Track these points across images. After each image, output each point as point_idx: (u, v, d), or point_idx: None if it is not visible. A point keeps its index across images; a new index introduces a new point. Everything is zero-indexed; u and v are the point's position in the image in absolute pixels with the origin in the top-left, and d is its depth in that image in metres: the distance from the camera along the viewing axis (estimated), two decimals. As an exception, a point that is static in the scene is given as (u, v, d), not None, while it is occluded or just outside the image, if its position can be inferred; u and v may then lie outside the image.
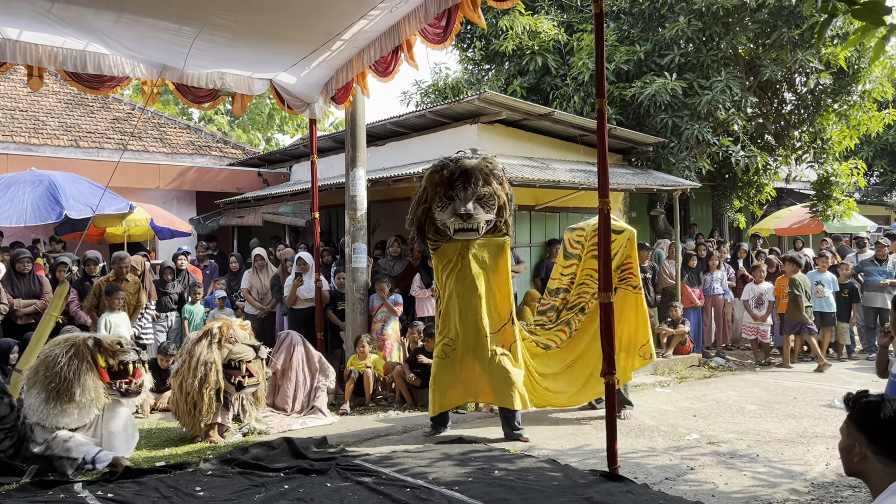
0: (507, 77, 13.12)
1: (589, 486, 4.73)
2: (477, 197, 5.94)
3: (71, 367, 5.29)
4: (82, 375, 5.33)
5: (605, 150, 5.01)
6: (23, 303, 7.67)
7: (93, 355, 5.43)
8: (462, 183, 5.94)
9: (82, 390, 5.30)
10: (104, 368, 5.45)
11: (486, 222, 6.01)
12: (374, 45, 6.61)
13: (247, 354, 6.27)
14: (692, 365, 9.82)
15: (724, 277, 10.61)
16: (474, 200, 5.93)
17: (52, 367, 5.27)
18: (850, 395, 2.39)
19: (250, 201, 12.32)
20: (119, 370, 5.55)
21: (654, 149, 11.23)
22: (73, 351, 5.38)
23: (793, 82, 12.91)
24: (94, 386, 5.37)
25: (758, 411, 7.08)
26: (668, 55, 11.47)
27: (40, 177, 9.40)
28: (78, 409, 5.32)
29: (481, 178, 5.96)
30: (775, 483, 4.90)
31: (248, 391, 6.38)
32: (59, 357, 5.31)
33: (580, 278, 6.85)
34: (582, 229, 6.95)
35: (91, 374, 5.38)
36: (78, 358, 5.37)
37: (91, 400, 5.34)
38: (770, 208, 14.98)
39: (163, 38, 6.16)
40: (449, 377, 6.17)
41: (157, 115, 16.80)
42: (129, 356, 5.56)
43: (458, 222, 5.95)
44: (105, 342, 5.54)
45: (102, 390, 5.44)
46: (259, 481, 4.95)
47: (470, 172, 5.95)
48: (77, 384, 5.28)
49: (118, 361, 5.52)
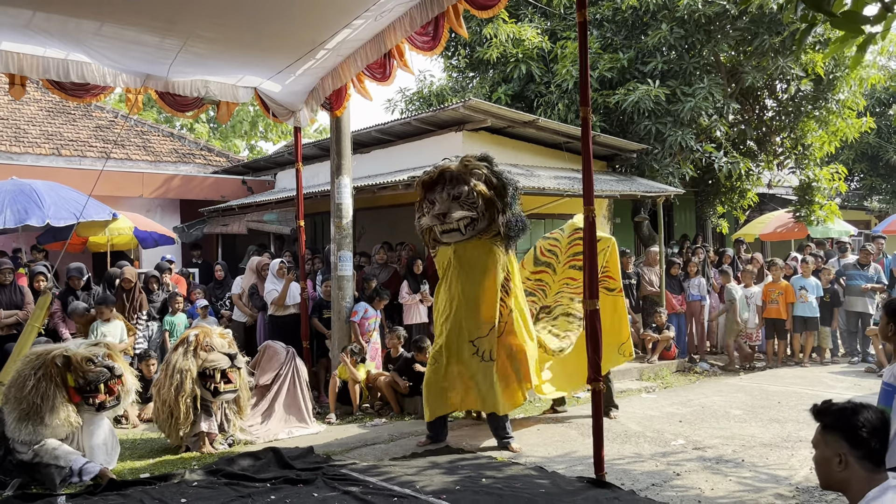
0: (491, 84, 13.17)
1: (576, 493, 4.75)
2: (454, 196, 5.86)
3: (39, 389, 5.15)
4: (51, 398, 5.17)
5: (590, 159, 5.04)
6: (3, 313, 7.59)
7: (62, 375, 5.28)
8: (440, 186, 5.95)
9: (51, 413, 5.16)
10: (73, 388, 5.30)
11: (467, 221, 5.85)
12: (360, 54, 6.63)
13: (221, 363, 6.20)
14: (677, 370, 9.88)
15: (701, 283, 10.68)
16: (451, 200, 5.86)
17: (22, 390, 5.16)
18: (815, 406, 2.37)
19: (235, 209, 12.27)
20: (90, 388, 5.39)
21: (637, 155, 11.31)
22: (41, 372, 5.22)
23: (774, 89, 13.06)
24: (63, 407, 5.22)
25: (743, 416, 7.13)
26: (651, 62, 11.57)
27: (21, 185, 9.31)
28: (49, 429, 5.20)
29: (458, 179, 5.89)
30: (760, 488, 4.94)
31: (226, 397, 6.30)
32: (28, 379, 5.17)
33: (556, 287, 7.03)
34: (556, 239, 7.07)
35: (60, 395, 5.22)
36: (46, 379, 5.21)
37: (61, 421, 5.21)
38: (753, 213, 15.12)
39: (146, 49, 6.14)
40: (439, 383, 6.13)
41: (141, 123, 16.69)
42: (101, 375, 5.39)
43: (438, 224, 5.92)
44: (75, 359, 5.35)
45: (73, 411, 5.29)
46: (245, 492, 4.91)
47: (446, 174, 5.93)
48: (45, 407, 5.15)
49: (87, 382, 5.35)
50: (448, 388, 6.15)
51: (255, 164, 14.75)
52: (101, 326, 7.59)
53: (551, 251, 7.04)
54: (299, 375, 7.28)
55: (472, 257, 6.05)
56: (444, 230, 5.92)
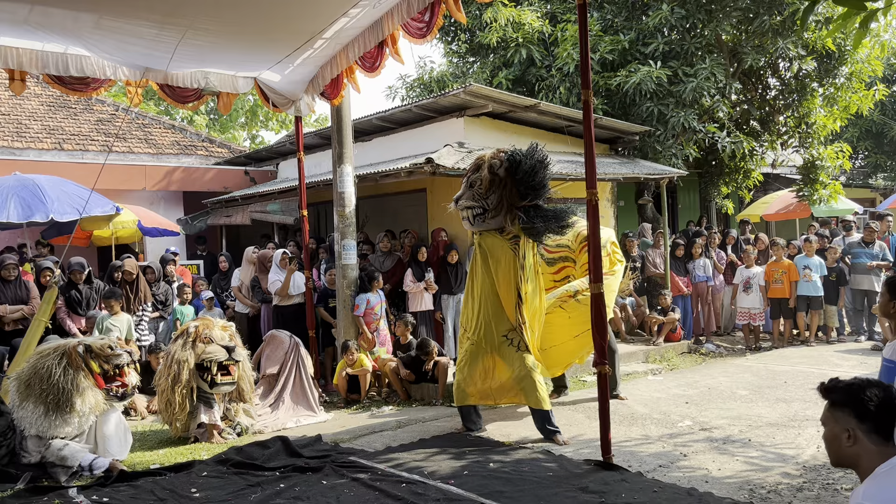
0: (492, 69, 13.11)
1: (584, 476, 4.77)
2: (470, 183, 5.92)
3: (67, 376, 5.23)
4: (80, 384, 5.27)
5: (592, 142, 5.02)
6: (9, 309, 7.62)
7: (86, 362, 5.37)
8: (468, 176, 6.04)
9: (82, 399, 5.25)
10: (99, 374, 5.40)
11: (475, 212, 5.85)
12: (358, 41, 6.59)
13: (218, 355, 6.21)
14: (683, 352, 9.88)
15: (706, 264, 10.66)
16: (468, 186, 5.92)
17: (48, 380, 5.20)
18: (823, 384, 2.39)
19: (238, 200, 12.26)
20: (112, 374, 5.50)
21: (640, 137, 11.26)
22: (65, 360, 5.30)
23: (777, 68, 12.97)
24: (92, 393, 5.33)
25: (749, 396, 7.14)
26: (652, 43, 11.49)
27: (24, 181, 9.33)
28: (79, 417, 5.28)
29: (478, 167, 5.90)
30: (767, 467, 4.95)
31: (223, 389, 6.31)
32: (53, 368, 5.22)
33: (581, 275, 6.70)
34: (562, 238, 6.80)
35: (88, 381, 5.33)
36: (72, 367, 5.30)
37: (91, 407, 5.30)
38: (757, 194, 15.06)
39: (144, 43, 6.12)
40: (470, 375, 5.98)
41: (142, 116, 16.67)
42: (122, 358, 5.52)
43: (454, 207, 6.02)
44: (95, 347, 5.47)
45: (101, 396, 5.40)
46: (255, 481, 4.95)
47: (475, 162, 6.00)
48: (76, 393, 5.23)
49: (112, 365, 5.47)
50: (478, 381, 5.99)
51: (257, 155, 14.73)
52: (108, 320, 7.62)
53: (559, 245, 6.79)
54: (304, 364, 7.31)
55: (488, 252, 5.97)
56: (463, 217, 6.03)
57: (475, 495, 4.46)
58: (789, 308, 10.27)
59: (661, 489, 4.49)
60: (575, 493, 4.44)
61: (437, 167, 8.13)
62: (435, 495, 4.49)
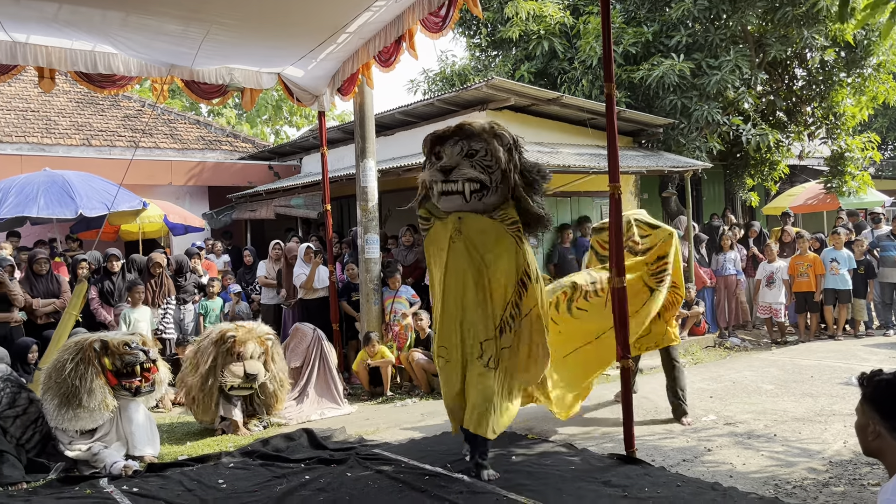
0: (514, 62, 13.07)
1: (607, 470, 4.77)
2: (467, 153, 4.74)
3: (77, 372, 5.28)
4: (89, 381, 5.29)
5: (615, 135, 5.01)
6: (42, 302, 7.78)
7: (100, 359, 5.40)
8: (454, 140, 4.82)
9: (89, 395, 5.28)
10: (111, 371, 5.43)
11: (476, 187, 4.68)
12: (379, 36, 6.63)
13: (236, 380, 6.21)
14: (707, 346, 9.82)
15: (736, 258, 10.57)
16: (463, 156, 4.74)
17: (61, 373, 5.30)
18: (863, 374, 2.39)
19: (262, 195, 12.38)
20: (127, 372, 5.50)
21: (663, 130, 11.17)
22: (79, 356, 5.36)
23: (803, 58, 12.77)
24: (101, 390, 5.34)
25: (774, 391, 7.08)
26: (676, 36, 11.38)
27: (53, 177, 9.51)
28: (88, 413, 5.32)
29: (477, 135, 4.78)
30: (793, 462, 4.92)
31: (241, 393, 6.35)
32: (67, 363, 5.31)
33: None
34: None
35: (98, 378, 5.35)
36: (84, 363, 5.34)
37: (99, 403, 5.33)
38: (783, 186, 14.86)
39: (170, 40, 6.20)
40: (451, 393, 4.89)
41: (167, 112, 16.87)
42: (138, 357, 5.51)
43: (442, 180, 4.71)
44: (112, 344, 5.48)
45: (109, 394, 5.40)
46: (280, 473, 5.02)
47: (465, 128, 4.82)
48: (83, 389, 5.26)
49: (124, 364, 5.48)
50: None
51: (280, 150, 14.85)
52: (132, 313, 7.74)
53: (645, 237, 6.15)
54: (328, 357, 7.38)
55: (480, 237, 4.78)
56: (444, 191, 4.72)
57: (498, 488, 4.49)
58: (815, 302, 10.15)
59: (684, 483, 4.48)
60: (598, 487, 4.45)
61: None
62: (458, 488, 4.52)
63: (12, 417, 5.26)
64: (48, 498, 4.68)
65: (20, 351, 6.99)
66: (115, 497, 4.64)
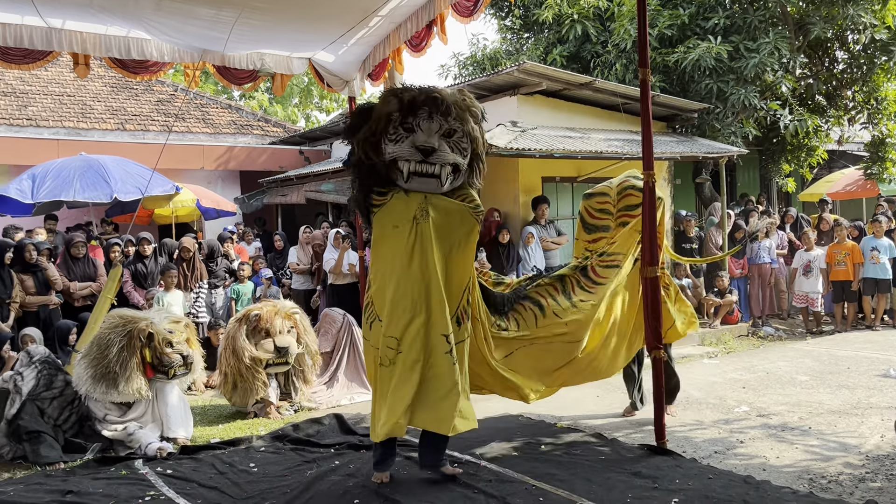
0: (546, 45, 12.91)
1: (637, 461, 4.73)
2: (446, 132, 4.37)
3: (121, 358, 5.36)
4: (130, 370, 5.38)
5: (650, 122, 4.92)
6: (79, 286, 7.93)
7: (142, 350, 5.47)
8: (428, 112, 4.36)
9: (127, 382, 5.38)
10: (149, 364, 5.51)
11: (452, 170, 4.38)
12: (410, 20, 6.55)
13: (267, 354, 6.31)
14: (740, 335, 9.68)
15: (772, 246, 10.36)
16: (441, 135, 4.36)
17: (104, 352, 5.37)
18: None
19: (293, 179, 12.44)
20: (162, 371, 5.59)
21: (698, 115, 10.97)
22: (125, 341, 5.42)
23: (845, 40, 12.43)
24: (137, 379, 5.43)
25: (809, 382, 6.95)
26: (713, 17, 11.14)
27: (89, 161, 9.66)
28: (119, 395, 5.44)
29: (455, 111, 4.40)
30: (828, 456, 4.83)
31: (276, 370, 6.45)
32: (112, 345, 5.37)
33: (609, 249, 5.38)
34: (604, 194, 5.52)
35: (137, 367, 5.44)
36: (129, 350, 5.41)
37: (133, 391, 5.43)
38: (820, 172, 14.53)
39: (202, 24, 6.21)
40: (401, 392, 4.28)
41: (199, 96, 17.00)
42: (174, 363, 5.56)
43: (417, 160, 4.29)
44: (157, 339, 5.53)
45: (144, 384, 5.49)
46: (310, 457, 5.07)
47: (440, 101, 4.37)
48: (122, 377, 5.36)
49: (161, 363, 5.54)
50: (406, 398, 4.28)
51: (311, 134, 14.90)
52: (165, 297, 7.85)
53: (602, 210, 5.49)
54: (358, 342, 7.41)
55: (446, 219, 4.43)
56: (418, 171, 4.31)
57: (526, 477, 4.48)
58: (852, 291, 9.93)
59: (715, 476, 4.42)
60: (627, 478, 4.41)
61: (489, 147, 8.06)
62: (486, 476, 4.52)
63: (49, 399, 5.38)
64: (85, 478, 4.78)
65: (61, 333, 7.13)
66: (150, 478, 4.72)
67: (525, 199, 9.44)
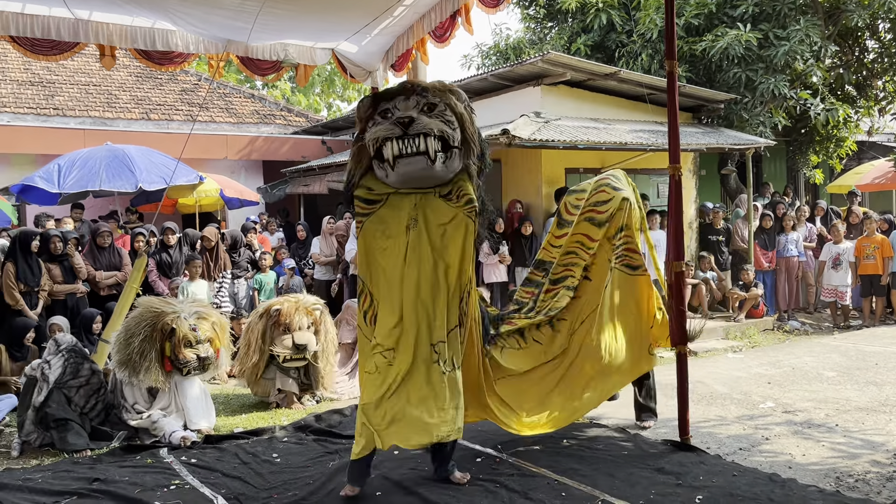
0: (570, 35, 12.79)
1: (660, 457, 4.69)
2: (425, 107, 4.11)
3: (142, 349, 5.40)
4: (148, 361, 5.43)
5: (676, 115, 4.85)
6: (104, 275, 8.01)
7: (163, 343, 5.49)
8: (404, 96, 4.17)
9: (146, 373, 5.44)
10: (168, 358, 5.53)
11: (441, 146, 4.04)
12: (434, 11, 6.51)
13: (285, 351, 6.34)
14: (766, 329, 9.56)
15: (799, 239, 10.21)
16: (421, 110, 4.09)
17: (129, 340, 5.43)
18: None
19: (315, 169, 12.47)
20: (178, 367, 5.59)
21: (725, 105, 10.82)
22: (148, 332, 5.45)
23: (875, 29, 12.17)
24: (155, 370, 5.48)
25: (836, 378, 6.85)
26: (742, 5, 10.95)
27: (115, 151, 9.75)
28: (138, 382, 5.53)
29: (432, 90, 4.21)
30: (855, 454, 4.75)
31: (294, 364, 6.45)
32: (136, 335, 5.42)
33: (568, 246, 5.13)
34: (583, 190, 5.25)
35: (157, 360, 5.48)
36: (150, 342, 5.44)
37: (151, 381, 5.49)
38: (849, 163, 14.29)
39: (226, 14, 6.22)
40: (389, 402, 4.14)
41: (223, 85, 17.09)
42: (190, 364, 5.54)
43: (396, 136, 3.98)
44: (178, 336, 5.50)
45: (162, 377, 5.53)
46: (332, 448, 5.09)
47: (416, 84, 4.26)
48: (142, 367, 5.41)
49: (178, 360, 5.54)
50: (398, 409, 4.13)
51: (333, 124, 14.91)
52: (190, 286, 7.91)
53: (577, 206, 5.18)
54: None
55: (439, 225, 4.21)
56: (402, 152, 3.99)
57: (548, 472, 4.46)
58: (881, 285, 9.77)
59: (740, 473, 4.37)
60: (651, 474, 4.38)
61: (512, 138, 8.03)
62: (508, 471, 4.51)
63: (76, 387, 5.46)
64: (111, 466, 4.84)
65: (85, 321, 7.22)
66: (175, 467, 4.77)
67: (548, 191, 9.38)
